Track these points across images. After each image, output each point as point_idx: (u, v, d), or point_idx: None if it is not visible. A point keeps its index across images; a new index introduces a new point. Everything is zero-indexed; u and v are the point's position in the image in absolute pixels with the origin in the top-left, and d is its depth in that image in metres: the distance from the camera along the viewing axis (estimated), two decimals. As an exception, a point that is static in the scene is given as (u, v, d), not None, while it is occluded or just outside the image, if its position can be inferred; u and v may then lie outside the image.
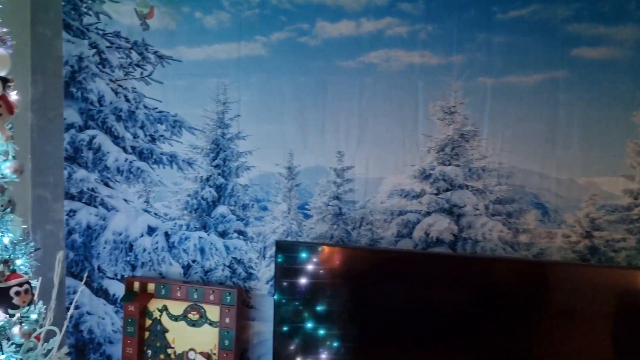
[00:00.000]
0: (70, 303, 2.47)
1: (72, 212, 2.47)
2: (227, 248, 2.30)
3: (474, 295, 1.90)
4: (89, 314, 2.49)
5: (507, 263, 1.93)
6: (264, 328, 2.26)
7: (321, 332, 2.01)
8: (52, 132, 2.48)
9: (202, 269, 2.33)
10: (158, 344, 2.28)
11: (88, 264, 2.47)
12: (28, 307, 1.28)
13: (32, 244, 1.38)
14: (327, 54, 2.14)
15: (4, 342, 1.23)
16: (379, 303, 1.98)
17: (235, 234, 2.29)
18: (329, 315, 2.01)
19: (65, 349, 2.25)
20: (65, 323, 2.31)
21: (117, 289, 2.44)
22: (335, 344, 2.00)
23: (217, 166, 2.29)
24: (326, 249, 2.05)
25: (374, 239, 2.14)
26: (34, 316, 1.35)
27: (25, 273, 1.34)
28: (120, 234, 2.43)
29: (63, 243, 2.50)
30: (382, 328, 1.97)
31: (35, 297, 1.39)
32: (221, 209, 2.30)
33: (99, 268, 2.46)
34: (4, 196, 1.28)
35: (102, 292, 2.47)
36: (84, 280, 2.36)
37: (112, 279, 2.45)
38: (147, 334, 2.30)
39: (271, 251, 2.24)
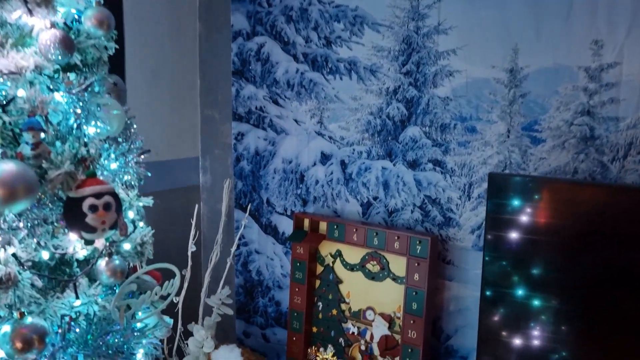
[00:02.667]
0: (239, 239, 2.18)
1: (240, 136, 2.14)
2: (418, 183, 1.74)
3: None
4: (257, 252, 2.17)
5: None
6: (465, 292, 1.68)
7: (551, 303, 1.36)
8: (219, 42, 2.15)
9: (386, 208, 1.81)
10: (330, 297, 1.85)
11: (256, 196, 2.14)
12: (113, 231, 0.88)
13: (139, 142, 0.98)
14: None
15: (84, 282, 0.87)
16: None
17: (430, 165, 1.71)
18: (564, 282, 1.34)
19: (226, 290, 1.95)
20: (229, 260, 2.01)
21: (287, 227, 2.06)
22: (573, 320, 1.34)
23: (407, 73, 1.71)
24: (566, 187, 1.36)
25: (649, 177, 1.38)
26: (127, 246, 0.97)
27: (129, 186, 0.95)
28: (290, 162, 2.03)
29: (232, 170, 2.20)
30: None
31: (134, 217, 0.99)
32: (412, 131, 1.73)
33: (267, 201, 2.11)
34: (95, 71, 0.88)
35: (270, 229, 2.12)
36: (247, 212, 2.04)
37: (282, 214, 2.08)
38: (318, 282, 1.89)
39: (480, 189, 1.62)
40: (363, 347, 1.78)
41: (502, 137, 1.57)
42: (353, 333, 1.81)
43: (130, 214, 0.98)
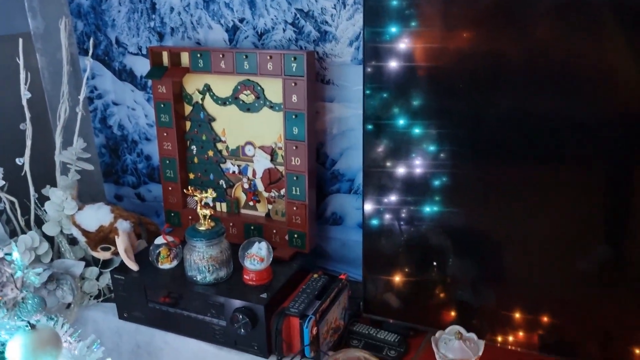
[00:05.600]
0: (92, 92, 1.88)
1: (69, -38, 1.74)
2: (288, -5, 1.54)
3: None
4: (115, 104, 1.90)
5: None
6: (347, 112, 1.58)
7: (439, 129, 1.28)
8: None
9: (255, 31, 1.60)
10: (204, 138, 1.67)
11: (103, 36, 1.81)
12: None
13: None
14: None
15: None
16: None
17: (299, -29, 1.50)
18: (461, 101, 1.25)
19: (81, 143, 1.69)
20: (79, 110, 1.72)
21: (145, 69, 1.79)
22: (464, 148, 1.28)
23: None
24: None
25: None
26: None
27: None
28: (136, -11, 1.70)
29: (67, 8, 1.82)
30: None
31: None
32: None
33: (117, 41, 1.80)
34: None
35: (126, 75, 1.84)
36: (90, 53, 1.73)
37: (136, 55, 1.79)
38: (188, 124, 1.69)
39: (355, -6, 1.46)
40: (246, 185, 1.66)
41: None
42: (234, 172, 1.67)
43: None
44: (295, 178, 1.53)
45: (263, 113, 1.57)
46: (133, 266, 1.53)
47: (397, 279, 1.44)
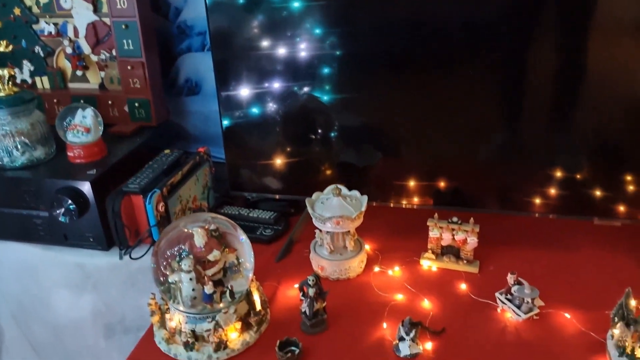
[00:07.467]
0: None
1: None
2: None
3: None
4: None
5: None
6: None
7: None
8: None
9: None
10: (4, -9, 1.29)
11: None
12: None
13: None
14: None
15: None
16: None
17: None
18: None
19: None
20: None
21: None
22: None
23: None
24: None
25: None
26: None
27: None
28: None
29: None
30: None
31: None
32: None
33: None
34: None
35: None
36: None
37: None
38: (-20, -25, 1.29)
39: None
40: (69, 50, 1.30)
41: None
42: (51, 34, 1.30)
43: None
44: (124, 27, 1.20)
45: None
46: None
47: (265, 150, 1.18)
